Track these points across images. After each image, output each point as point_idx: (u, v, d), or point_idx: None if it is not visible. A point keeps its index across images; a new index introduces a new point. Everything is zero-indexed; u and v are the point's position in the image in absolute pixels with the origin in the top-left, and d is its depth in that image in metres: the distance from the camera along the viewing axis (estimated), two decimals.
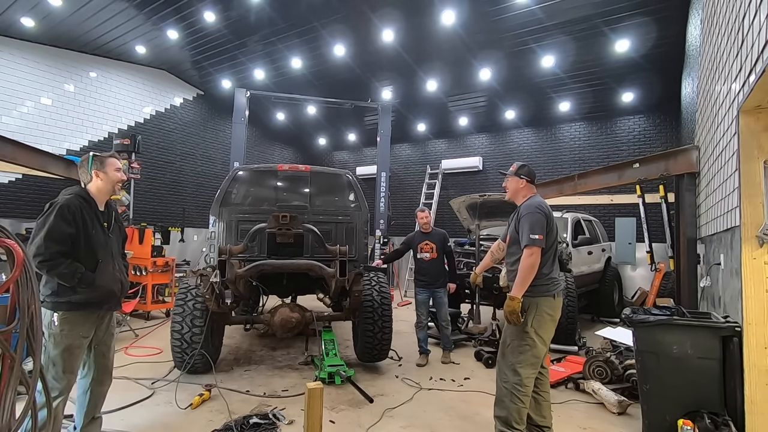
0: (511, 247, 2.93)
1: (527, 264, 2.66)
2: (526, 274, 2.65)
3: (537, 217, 2.74)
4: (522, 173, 2.97)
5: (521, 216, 2.80)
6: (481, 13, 6.93)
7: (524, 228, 2.72)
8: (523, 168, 3.00)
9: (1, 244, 1.83)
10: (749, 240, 2.71)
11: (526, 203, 2.87)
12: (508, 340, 2.79)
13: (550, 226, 2.80)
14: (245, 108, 9.44)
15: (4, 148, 6.53)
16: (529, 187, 2.98)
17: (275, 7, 7.22)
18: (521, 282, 2.65)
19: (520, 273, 2.67)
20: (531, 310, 2.71)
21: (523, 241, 2.70)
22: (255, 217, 4.69)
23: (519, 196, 3.00)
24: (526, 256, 2.66)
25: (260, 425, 3.15)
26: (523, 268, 2.66)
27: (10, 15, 7.12)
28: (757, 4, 2.36)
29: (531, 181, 2.98)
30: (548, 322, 2.75)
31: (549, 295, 2.75)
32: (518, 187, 2.98)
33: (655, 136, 9.16)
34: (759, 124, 2.74)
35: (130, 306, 5.74)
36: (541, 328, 2.71)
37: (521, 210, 2.84)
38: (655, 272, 7.24)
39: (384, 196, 10.14)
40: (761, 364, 2.64)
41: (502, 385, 2.75)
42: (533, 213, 2.76)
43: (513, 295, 2.67)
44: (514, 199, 3.02)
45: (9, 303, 1.89)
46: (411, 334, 6.51)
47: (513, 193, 3.01)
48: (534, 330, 2.70)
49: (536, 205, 2.80)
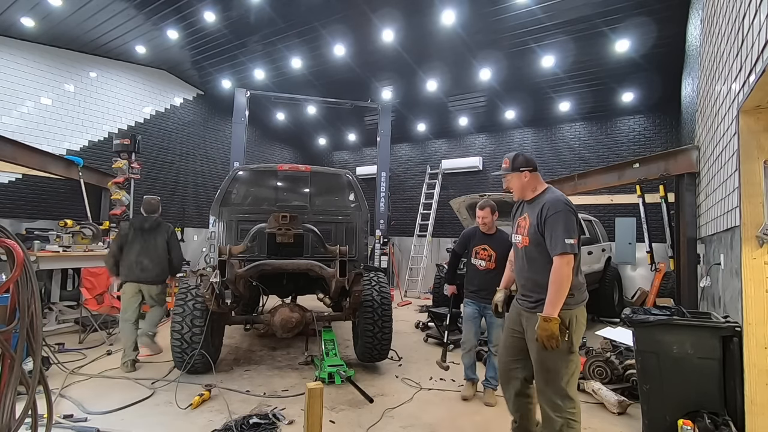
0: (531, 251, 2.44)
1: (563, 275, 2.22)
2: (562, 288, 2.22)
3: (570, 217, 2.29)
4: (520, 165, 2.52)
5: (548, 216, 2.33)
6: (481, 13, 6.93)
7: (556, 231, 2.27)
8: (519, 158, 2.54)
9: (1, 244, 1.83)
10: (749, 240, 2.71)
11: (551, 199, 2.39)
12: (549, 365, 2.32)
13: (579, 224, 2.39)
14: (245, 108, 9.44)
15: (4, 148, 6.53)
16: (536, 177, 2.53)
17: (275, 7, 7.22)
18: (557, 298, 2.22)
19: (554, 287, 2.23)
20: (571, 326, 2.32)
21: (556, 247, 2.26)
22: (255, 217, 4.69)
23: (528, 191, 2.54)
24: (561, 265, 2.23)
25: (260, 425, 3.15)
26: (558, 280, 2.22)
27: (10, 15, 7.11)
28: (757, 4, 2.36)
29: (534, 169, 2.53)
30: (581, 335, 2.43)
31: (583, 305, 2.39)
32: (523, 182, 2.52)
33: (655, 136, 9.16)
34: (759, 124, 2.74)
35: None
36: (578, 341, 2.38)
37: (547, 207, 2.35)
38: (655, 272, 7.24)
39: (384, 196, 10.14)
40: (761, 364, 2.64)
41: (555, 417, 2.31)
42: (565, 212, 2.29)
43: (549, 315, 2.21)
44: (523, 197, 2.57)
45: (9, 303, 1.89)
46: (411, 334, 6.52)
47: (520, 191, 2.56)
48: (575, 346, 2.34)
49: (565, 201, 2.35)
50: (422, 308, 8.65)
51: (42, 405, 2.03)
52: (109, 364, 4.60)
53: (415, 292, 10.80)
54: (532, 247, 2.42)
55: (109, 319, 5.89)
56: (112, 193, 7.80)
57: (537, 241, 2.39)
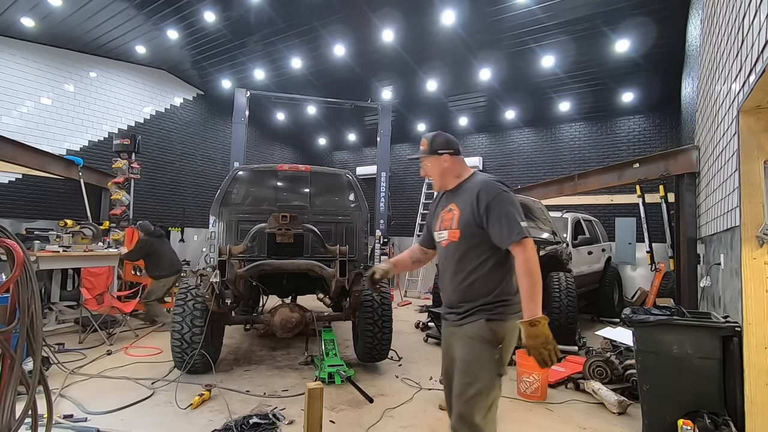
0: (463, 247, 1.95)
1: (533, 262, 1.78)
2: (537, 278, 1.77)
3: (514, 198, 1.90)
4: (439, 147, 2.05)
5: (490, 200, 1.86)
6: (481, 13, 6.93)
7: (507, 214, 1.82)
8: (438, 139, 2.08)
9: (1, 244, 1.83)
10: (749, 240, 2.71)
11: (484, 181, 1.95)
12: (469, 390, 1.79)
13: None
14: (245, 108, 9.44)
15: (4, 148, 6.54)
16: (459, 162, 2.09)
17: (275, 7, 7.22)
18: (535, 291, 1.76)
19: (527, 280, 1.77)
20: (510, 340, 1.85)
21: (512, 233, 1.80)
22: (255, 217, 4.69)
23: (450, 178, 2.09)
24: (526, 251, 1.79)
25: (260, 425, 3.15)
26: (530, 270, 1.77)
27: (10, 15, 7.11)
28: (757, 4, 2.36)
29: (457, 152, 2.08)
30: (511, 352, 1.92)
31: (519, 316, 1.84)
32: (443, 167, 2.07)
33: (655, 136, 9.16)
34: (759, 124, 2.74)
35: (130, 306, 5.74)
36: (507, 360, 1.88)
37: (484, 191, 1.89)
38: (655, 272, 7.25)
39: (384, 196, 10.14)
40: (761, 364, 2.64)
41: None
42: (508, 193, 1.89)
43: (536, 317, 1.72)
44: (443, 186, 2.12)
45: (9, 303, 1.89)
46: (411, 334, 6.52)
47: (440, 179, 2.11)
48: (504, 368, 1.85)
49: (500, 182, 1.94)
50: (422, 308, 8.65)
51: (42, 405, 2.03)
52: (109, 364, 4.60)
53: (415, 292, 10.80)
54: (464, 242, 1.93)
55: (109, 319, 5.89)
56: (112, 193, 7.81)
57: (471, 233, 1.91)
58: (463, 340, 1.89)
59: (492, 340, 1.82)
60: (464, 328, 1.90)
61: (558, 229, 6.34)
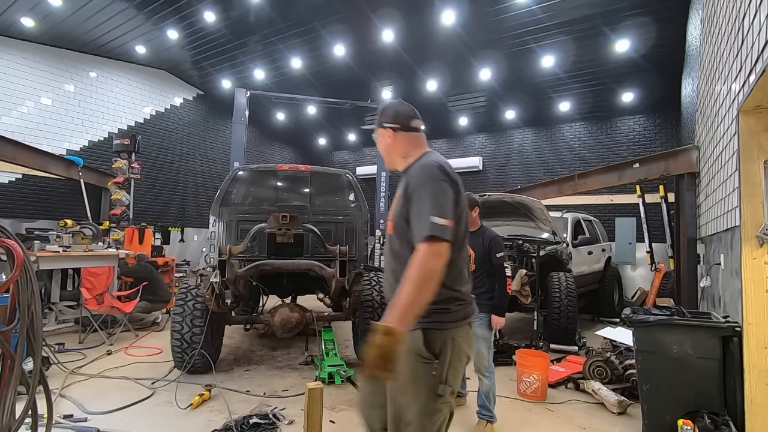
0: (395, 243, 1.65)
1: (427, 270, 1.40)
2: (422, 289, 1.39)
3: (442, 187, 1.51)
4: (384, 120, 1.76)
5: (411, 187, 1.56)
6: (481, 13, 6.93)
7: (421, 207, 1.49)
8: (386, 111, 1.78)
9: (1, 244, 1.83)
10: (749, 240, 2.71)
11: (421, 164, 1.63)
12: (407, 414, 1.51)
13: (460, 203, 1.57)
14: (245, 108, 9.43)
15: (4, 148, 6.54)
16: (408, 139, 1.74)
17: (275, 7, 7.22)
18: (411, 302, 1.38)
19: (409, 285, 1.39)
20: (443, 353, 1.52)
21: (419, 229, 1.46)
22: (255, 217, 4.69)
23: (397, 158, 1.77)
24: (426, 256, 1.40)
25: (260, 425, 3.15)
26: (418, 276, 1.39)
27: (10, 15, 7.11)
28: (757, 4, 2.36)
29: (404, 128, 1.74)
30: (463, 367, 1.63)
31: (466, 323, 1.61)
32: (386, 143, 1.76)
33: (655, 136, 9.16)
34: (759, 124, 2.74)
35: (130, 306, 5.74)
36: (456, 378, 1.57)
37: (412, 176, 1.60)
38: (655, 272, 7.25)
39: (384, 196, 10.13)
40: (761, 364, 2.64)
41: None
42: (436, 181, 1.52)
43: (390, 326, 1.35)
44: (391, 165, 1.82)
45: (9, 303, 1.89)
46: None
47: (385, 156, 1.82)
48: (450, 387, 1.53)
49: (438, 166, 1.56)
50: None
51: (42, 405, 2.03)
52: (109, 364, 4.60)
53: None
54: (396, 235, 1.64)
55: (109, 319, 5.89)
56: (112, 193, 7.80)
57: (401, 226, 1.60)
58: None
59: (427, 355, 1.50)
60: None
61: (558, 229, 6.34)
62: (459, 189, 1.58)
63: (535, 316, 5.65)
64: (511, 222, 6.75)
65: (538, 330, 5.60)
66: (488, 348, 3.29)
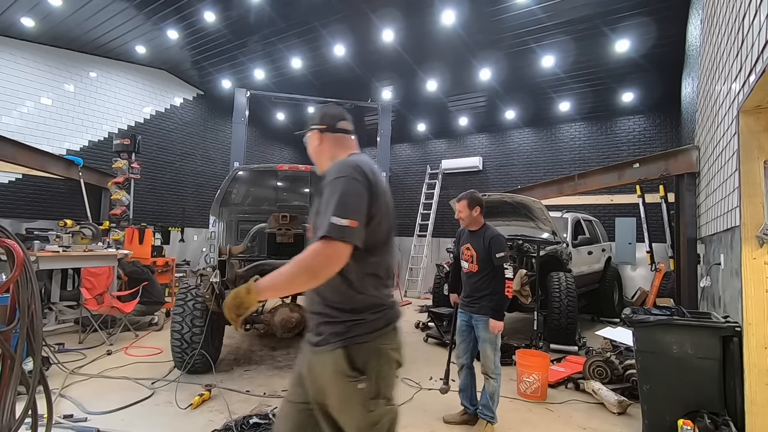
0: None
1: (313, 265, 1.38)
2: (299, 275, 1.40)
3: (353, 186, 1.45)
4: (315, 122, 1.75)
5: (323, 184, 1.52)
6: (481, 13, 6.92)
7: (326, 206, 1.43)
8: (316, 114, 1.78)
9: (1, 244, 1.83)
10: (749, 240, 2.71)
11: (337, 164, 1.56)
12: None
13: (378, 204, 1.50)
14: (245, 108, 9.44)
15: (4, 148, 6.54)
16: (333, 141, 1.72)
17: (275, 7, 7.22)
18: (282, 282, 1.44)
19: (291, 267, 1.41)
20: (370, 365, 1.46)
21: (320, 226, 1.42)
22: (255, 217, 4.70)
23: (323, 159, 1.75)
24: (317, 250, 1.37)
25: (260, 425, 3.15)
26: (302, 266, 1.39)
27: (10, 15, 7.11)
28: (757, 4, 2.36)
29: (331, 129, 1.72)
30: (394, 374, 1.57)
31: (390, 329, 1.55)
32: (314, 145, 1.76)
33: (655, 136, 9.16)
34: (759, 124, 2.74)
35: (130, 306, 5.74)
36: (389, 387, 1.53)
37: (326, 175, 1.54)
38: (655, 272, 7.25)
39: None
40: (761, 364, 2.64)
41: None
42: (347, 179, 1.46)
43: (254, 287, 1.47)
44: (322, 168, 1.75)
45: (9, 303, 1.89)
46: (410, 334, 6.52)
47: (315, 159, 1.80)
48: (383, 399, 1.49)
49: (354, 166, 1.50)
50: (422, 308, 8.65)
51: (42, 405, 2.03)
52: (109, 364, 4.60)
53: (415, 292, 10.79)
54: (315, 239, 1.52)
55: (109, 319, 5.89)
56: (112, 193, 7.80)
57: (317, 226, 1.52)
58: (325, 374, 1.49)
59: (351, 373, 1.44)
60: (322, 357, 1.49)
61: (558, 229, 6.34)
62: (377, 190, 1.50)
63: (535, 316, 5.65)
64: (511, 222, 6.76)
65: (538, 330, 5.60)
66: (494, 350, 3.24)
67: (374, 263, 1.52)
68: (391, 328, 1.55)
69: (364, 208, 1.45)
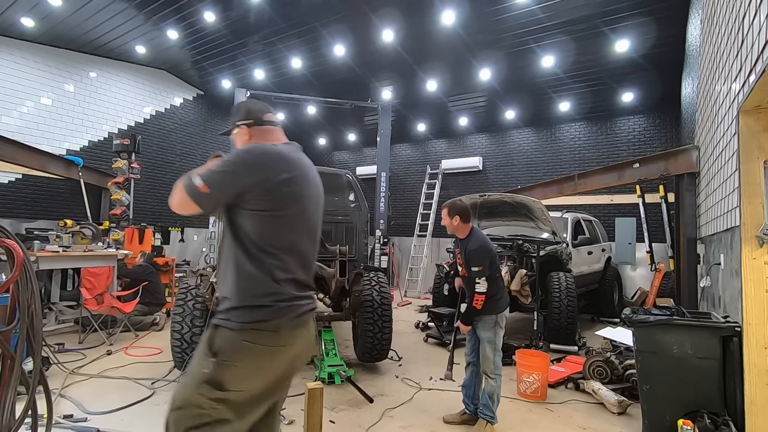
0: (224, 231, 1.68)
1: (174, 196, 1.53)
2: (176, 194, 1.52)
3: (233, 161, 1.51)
4: (241, 118, 1.75)
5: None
6: (481, 13, 6.92)
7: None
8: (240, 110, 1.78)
9: (1, 244, 1.83)
10: (749, 240, 2.71)
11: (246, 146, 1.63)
12: (178, 396, 1.57)
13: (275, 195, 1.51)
14: None
15: (4, 148, 6.54)
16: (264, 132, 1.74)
17: (275, 7, 7.22)
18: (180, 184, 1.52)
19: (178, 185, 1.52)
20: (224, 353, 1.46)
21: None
22: None
23: None
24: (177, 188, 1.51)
25: None
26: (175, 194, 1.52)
27: (10, 15, 7.11)
28: (757, 4, 2.36)
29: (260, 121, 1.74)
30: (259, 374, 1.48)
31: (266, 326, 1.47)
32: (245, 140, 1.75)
33: (655, 136, 9.15)
34: (759, 124, 2.74)
35: (130, 306, 5.74)
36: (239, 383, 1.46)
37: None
38: (655, 272, 7.24)
39: (384, 196, 10.13)
40: (761, 364, 2.64)
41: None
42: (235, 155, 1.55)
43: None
44: None
45: (9, 303, 1.89)
46: (411, 334, 6.52)
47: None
48: (223, 392, 1.44)
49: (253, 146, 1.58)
50: (422, 308, 8.65)
51: (42, 405, 2.04)
52: (109, 364, 4.60)
53: (415, 292, 10.79)
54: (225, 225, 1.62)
55: (109, 319, 5.89)
56: (112, 193, 7.80)
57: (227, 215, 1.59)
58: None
59: (206, 352, 1.46)
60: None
61: (558, 229, 6.34)
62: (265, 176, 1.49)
63: (535, 316, 5.65)
64: (511, 222, 6.75)
65: (538, 330, 5.60)
66: (493, 350, 3.24)
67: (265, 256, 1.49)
68: (270, 326, 1.45)
69: (228, 184, 1.49)
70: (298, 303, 1.53)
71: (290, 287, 1.52)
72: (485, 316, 3.25)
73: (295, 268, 1.55)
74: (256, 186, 1.48)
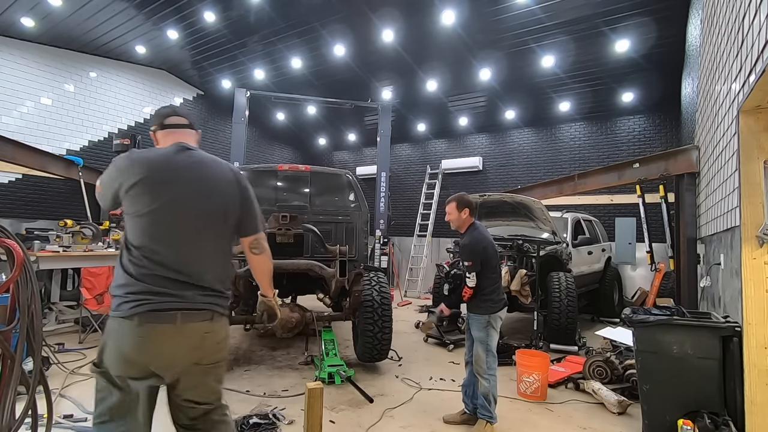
0: None
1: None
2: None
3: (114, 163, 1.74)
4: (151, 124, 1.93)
5: None
6: (481, 13, 6.93)
7: None
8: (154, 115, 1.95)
9: (1, 244, 1.83)
10: (749, 240, 2.71)
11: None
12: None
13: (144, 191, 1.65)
14: (245, 108, 9.44)
15: (4, 148, 6.54)
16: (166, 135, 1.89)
17: (275, 7, 7.22)
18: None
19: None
20: (103, 336, 1.72)
21: None
22: None
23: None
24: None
25: (260, 425, 3.15)
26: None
27: (10, 15, 7.11)
28: (757, 4, 2.36)
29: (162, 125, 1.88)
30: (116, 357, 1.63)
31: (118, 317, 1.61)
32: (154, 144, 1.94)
33: (655, 136, 9.15)
34: (759, 124, 2.74)
35: None
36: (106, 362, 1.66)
37: None
38: (655, 272, 7.25)
39: (384, 196, 10.13)
40: (761, 364, 2.64)
41: None
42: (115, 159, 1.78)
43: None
44: None
45: (9, 303, 1.89)
46: (411, 334, 6.52)
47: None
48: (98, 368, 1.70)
49: (137, 152, 1.79)
50: (422, 308, 8.65)
51: (42, 405, 2.04)
52: None
53: (415, 292, 10.79)
54: None
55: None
56: None
57: None
58: None
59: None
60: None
61: (558, 229, 6.34)
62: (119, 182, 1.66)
63: (535, 316, 5.65)
64: (511, 222, 6.75)
65: (538, 330, 5.60)
66: (485, 350, 3.21)
67: (125, 252, 1.65)
68: (119, 315, 1.59)
69: (106, 188, 1.72)
70: (154, 298, 1.60)
71: (149, 282, 1.61)
72: (477, 315, 3.24)
73: (153, 266, 1.62)
74: (118, 191, 1.68)
